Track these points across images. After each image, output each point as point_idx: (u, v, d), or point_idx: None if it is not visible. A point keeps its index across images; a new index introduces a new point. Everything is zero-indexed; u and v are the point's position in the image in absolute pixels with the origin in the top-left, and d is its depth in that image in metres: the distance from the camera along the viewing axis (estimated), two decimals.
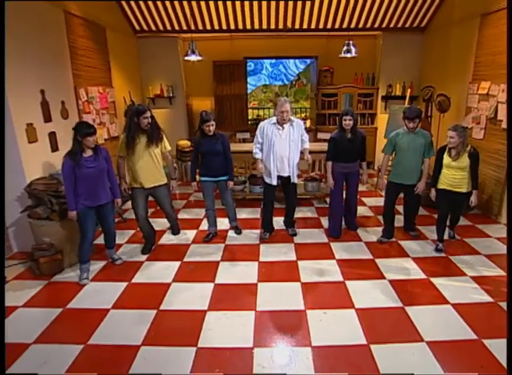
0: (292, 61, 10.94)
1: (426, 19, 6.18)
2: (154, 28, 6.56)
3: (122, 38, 6.16)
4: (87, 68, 4.94)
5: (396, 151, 3.79)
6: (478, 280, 3.20)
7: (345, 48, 5.15)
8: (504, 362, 2.23)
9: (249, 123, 7.99)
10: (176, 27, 6.54)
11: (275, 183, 3.86)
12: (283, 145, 3.73)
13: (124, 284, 3.24)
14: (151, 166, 3.52)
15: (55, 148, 4.16)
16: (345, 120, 3.75)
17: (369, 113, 7.33)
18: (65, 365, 2.30)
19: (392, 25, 6.39)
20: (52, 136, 4.11)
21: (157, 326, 2.66)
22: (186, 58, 5.35)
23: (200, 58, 5.35)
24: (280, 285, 3.21)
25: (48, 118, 4.04)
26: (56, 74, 4.26)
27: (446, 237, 3.87)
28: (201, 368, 2.26)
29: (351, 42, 5.13)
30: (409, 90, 6.24)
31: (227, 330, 2.62)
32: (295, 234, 4.20)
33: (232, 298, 3.03)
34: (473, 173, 3.46)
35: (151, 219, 3.91)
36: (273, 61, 11.01)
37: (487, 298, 2.93)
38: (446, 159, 3.52)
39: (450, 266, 3.47)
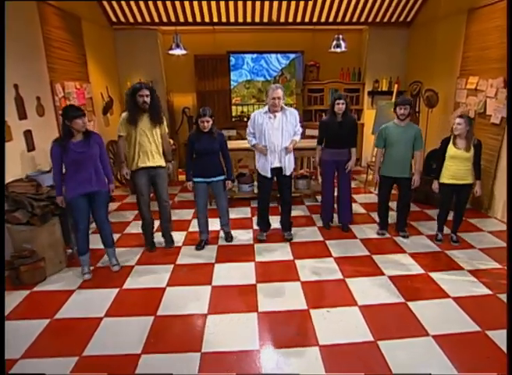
0: (274, 56, 11.03)
1: (412, 14, 6.39)
2: (131, 20, 6.42)
3: (99, 30, 6.00)
4: (63, 61, 4.78)
5: (385, 144, 3.90)
6: (475, 273, 3.34)
7: (334, 42, 5.24)
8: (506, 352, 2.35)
9: (233, 119, 7.97)
10: (156, 19, 6.44)
11: (269, 175, 3.78)
12: (275, 135, 3.66)
13: (115, 291, 3.16)
14: (152, 146, 3.58)
15: (31, 147, 4.00)
16: (338, 104, 3.86)
17: (356, 109, 7.48)
18: None
19: (378, 19, 6.56)
20: (28, 134, 3.96)
21: (156, 333, 2.61)
22: (171, 52, 5.29)
23: (184, 52, 5.29)
24: (280, 285, 3.23)
25: (22, 115, 3.89)
26: (30, 67, 4.10)
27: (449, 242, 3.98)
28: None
29: (341, 36, 5.21)
30: (396, 85, 6.42)
31: (230, 333, 2.61)
32: (291, 239, 4.06)
33: (231, 300, 3.02)
34: (476, 163, 3.57)
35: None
36: (254, 56, 11.06)
37: (486, 291, 3.07)
38: (453, 151, 3.57)
39: (447, 261, 3.61)
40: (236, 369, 2.27)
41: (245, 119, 8.21)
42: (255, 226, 4.55)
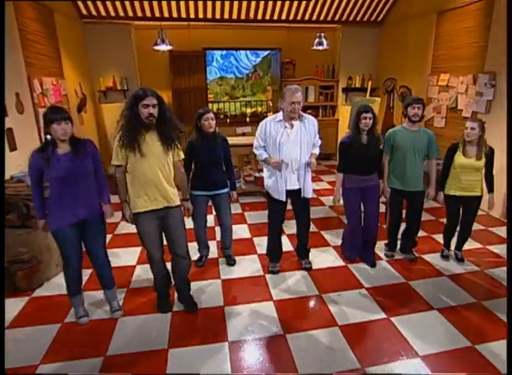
0: (243, 53, 11.14)
1: (382, 14, 6.81)
2: (104, 13, 6.24)
3: (69, 23, 5.77)
4: (40, 56, 4.60)
5: (394, 152, 3.36)
6: (462, 253, 3.71)
7: (317, 40, 5.46)
8: (501, 317, 2.70)
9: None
10: (130, 14, 6.31)
11: (284, 198, 3.12)
12: (293, 148, 2.99)
13: (123, 291, 3.13)
14: (162, 178, 2.54)
15: (13, 146, 3.82)
16: (364, 118, 3.10)
17: (330, 105, 7.84)
18: None
19: (351, 18, 6.91)
20: (9, 133, 3.77)
21: (177, 328, 2.65)
22: (156, 47, 5.23)
23: (170, 47, 5.26)
24: (288, 274, 3.38)
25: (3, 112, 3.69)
26: (7, 61, 3.89)
27: (452, 260, 3.64)
28: (242, 363, 2.33)
29: (323, 34, 5.45)
30: (369, 82, 6.81)
31: (252, 321, 2.71)
32: (310, 268, 3.45)
33: (244, 291, 3.13)
34: (489, 173, 3.27)
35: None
36: (224, 52, 11.11)
37: (474, 268, 3.45)
38: (462, 160, 3.21)
39: (434, 244, 3.95)
40: (268, 353, 2.39)
41: (221, 117, 8.27)
42: (249, 221, 4.68)
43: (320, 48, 5.58)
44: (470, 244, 3.88)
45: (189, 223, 3.30)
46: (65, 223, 2.48)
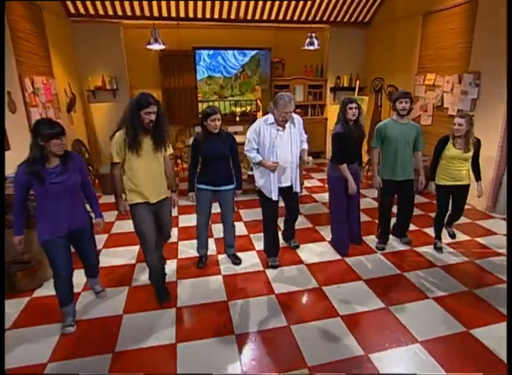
0: (231, 53, 11.20)
1: (369, 15, 6.99)
2: (92, 12, 6.19)
3: (58, 21, 5.70)
4: (30, 54, 4.54)
5: (385, 144, 3.53)
6: (452, 245, 3.88)
7: (308, 40, 5.58)
8: (491, 303, 2.87)
9: (199, 116, 8.00)
10: (119, 12, 6.27)
11: (275, 197, 3.27)
12: (285, 149, 3.18)
13: (125, 289, 3.16)
14: (156, 175, 2.84)
15: (6, 146, 3.77)
16: (351, 109, 3.29)
17: (319, 104, 7.98)
18: None
19: (338, 19, 7.07)
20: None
21: (184, 323, 2.70)
22: (149, 46, 5.22)
23: (163, 46, 5.27)
24: (286, 269, 3.47)
25: None
26: None
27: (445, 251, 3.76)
28: (251, 355, 2.40)
29: (314, 34, 5.57)
30: (357, 81, 6.97)
31: (256, 314, 2.79)
32: (297, 246, 3.82)
33: (246, 286, 3.20)
34: (476, 163, 3.47)
35: None
36: (211, 52, 11.14)
37: (464, 258, 3.62)
38: (452, 151, 3.39)
39: (425, 237, 4.11)
40: (275, 345, 2.47)
41: None
42: (245, 219, 4.75)
43: (311, 47, 5.70)
44: (459, 237, 4.06)
45: (189, 222, 3.38)
46: (54, 235, 2.50)
